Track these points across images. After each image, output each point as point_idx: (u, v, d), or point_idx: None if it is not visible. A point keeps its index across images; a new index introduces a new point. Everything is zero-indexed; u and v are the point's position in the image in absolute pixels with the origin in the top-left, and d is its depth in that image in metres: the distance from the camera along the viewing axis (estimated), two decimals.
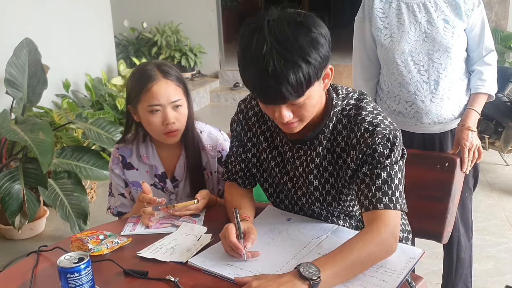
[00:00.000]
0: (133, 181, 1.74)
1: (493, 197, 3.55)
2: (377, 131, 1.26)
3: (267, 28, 1.14)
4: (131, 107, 1.66)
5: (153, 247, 1.37)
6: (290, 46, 1.12)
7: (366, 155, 1.27)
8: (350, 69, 6.31)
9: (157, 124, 1.60)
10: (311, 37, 1.15)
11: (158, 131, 1.62)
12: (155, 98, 1.57)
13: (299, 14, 1.18)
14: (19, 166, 2.77)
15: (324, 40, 1.18)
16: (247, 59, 1.18)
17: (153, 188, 1.70)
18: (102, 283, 1.20)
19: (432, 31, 1.90)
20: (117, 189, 1.77)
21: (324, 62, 1.20)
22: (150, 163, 1.72)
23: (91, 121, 3.10)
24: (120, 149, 1.74)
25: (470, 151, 1.91)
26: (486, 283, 2.57)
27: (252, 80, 1.18)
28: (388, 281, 1.18)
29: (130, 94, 1.64)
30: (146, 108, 1.59)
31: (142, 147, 1.72)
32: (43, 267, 1.32)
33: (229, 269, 1.24)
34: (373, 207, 1.25)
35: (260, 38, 1.13)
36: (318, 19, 1.21)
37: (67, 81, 4.15)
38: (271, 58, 1.11)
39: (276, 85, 1.14)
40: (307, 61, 1.13)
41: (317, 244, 1.36)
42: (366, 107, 1.32)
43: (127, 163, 1.73)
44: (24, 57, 3.18)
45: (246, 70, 1.19)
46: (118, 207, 1.78)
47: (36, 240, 3.20)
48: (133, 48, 6.35)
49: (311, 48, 1.14)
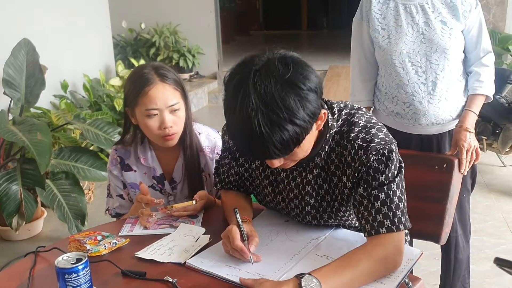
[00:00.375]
0: (131, 183, 1.73)
1: (490, 199, 3.56)
2: (371, 147, 1.22)
3: (252, 84, 1.07)
4: (129, 110, 1.65)
5: (151, 248, 1.37)
6: (277, 108, 1.06)
7: (361, 173, 1.24)
8: (348, 70, 6.31)
9: (155, 128, 1.59)
10: (300, 96, 1.08)
11: (155, 135, 1.61)
12: (152, 102, 1.56)
13: (287, 66, 1.10)
14: (17, 167, 2.76)
15: (314, 95, 1.12)
16: (231, 118, 1.12)
17: (151, 190, 1.71)
18: (100, 284, 1.20)
19: (429, 32, 1.91)
20: (115, 191, 1.76)
21: (314, 119, 1.14)
22: (148, 165, 1.71)
23: (89, 122, 3.10)
24: (118, 150, 1.74)
25: (468, 152, 1.91)
26: (484, 284, 2.57)
27: (236, 139, 1.15)
28: (386, 283, 1.18)
29: (128, 97, 1.62)
30: (144, 112, 1.58)
31: (140, 149, 1.72)
32: (40, 267, 1.32)
33: (227, 270, 1.24)
34: (375, 231, 1.21)
35: (245, 97, 1.07)
36: (307, 68, 1.14)
37: (65, 81, 4.15)
38: (256, 120, 1.06)
39: (262, 147, 1.10)
40: (295, 123, 1.08)
41: (315, 246, 1.36)
42: (359, 122, 1.27)
43: (125, 165, 1.73)
44: (22, 57, 3.18)
45: (230, 128, 1.15)
46: (116, 208, 1.77)
47: (33, 241, 3.19)
48: (131, 49, 6.35)
49: (299, 109, 1.08)
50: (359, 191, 1.25)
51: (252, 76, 1.09)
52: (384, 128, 1.29)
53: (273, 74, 1.08)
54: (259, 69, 1.10)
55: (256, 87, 1.07)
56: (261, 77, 1.08)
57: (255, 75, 1.09)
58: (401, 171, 1.27)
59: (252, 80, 1.08)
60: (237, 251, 1.26)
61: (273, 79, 1.08)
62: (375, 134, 1.25)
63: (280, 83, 1.07)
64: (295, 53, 1.18)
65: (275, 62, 1.11)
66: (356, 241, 1.35)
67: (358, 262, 1.17)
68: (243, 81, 1.10)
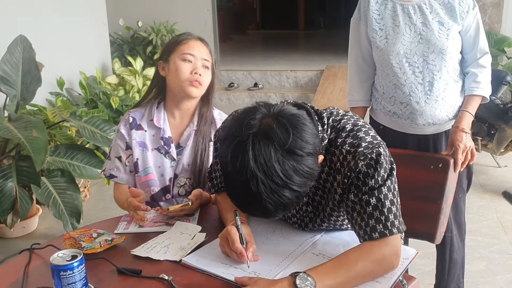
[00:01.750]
0: (140, 141, 1.78)
1: (485, 199, 3.57)
2: (359, 152, 1.21)
3: (252, 153, 1.05)
4: (162, 62, 1.76)
5: (147, 245, 1.37)
6: (276, 177, 1.05)
7: (351, 178, 1.23)
8: (344, 70, 6.34)
9: (186, 72, 1.70)
10: (298, 163, 1.07)
11: (184, 79, 1.70)
12: (190, 48, 1.72)
13: (287, 131, 1.07)
14: (12, 164, 2.75)
15: (312, 158, 1.11)
16: (230, 176, 1.11)
17: (156, 152, 1.76)
18: (96, 281, 1.20)
19: (427, 33, 1.91)
20: (116, 151, 1.80)
21: (311, 178, 1.12)
22: (160, 125, 1.77)
23: (85, 119, 3.09)
24: (132, 112, 1.82)
25: (464, 153, 1.92)
26: (478, 284, 2.59)
27: (235, 197, 1.15)
28: (381, 282, 1.18)
29: (165, 49, 1.77)
30: (180, 56, 1.71)
31: (155, 112, 1.79)
32: (35, 264, 1.32)
33: (223, 268, 1.24)
34: (368, 237, 1.21)
35: (244, 163, 1.06)
36: (305, 128, 1.11)
37: (61, 79, 4.13)
38: (255, 187, 1.06)
39: (263, 209, 1.10)
40: (292, 189, 1.08)
41: (311, 244, 1.36)
42: (345, 127, 1.27)
43: (137, 125, 1.79)
44: (18, 54, 3.16)
45: (229, 183, 1.14)
46: (111, 170, 1.80)
47: (28, 238, 3.19)
48: (128, 47, 6.33)
49: (297, 176, 1.08)
50: (350, 197, 1.24)
51: (251, 143, 1.06)
52: (371, 130, 1.28)
53: (272, 142, 1.06)
54: (257, 133, 1.07)
55: (256, 155, 1.05)
56: (260, 144, 1.06)
57: (254, 142, 1.06)
58: (392, 173, 1.24)
59: (251, 147, 1.06)
60: (235, 253, 1.25)
61: (273, 148, 1.06)
62: (362, 138, 1.24)
63: (280, 152, 1.06)
64: (291, 108, 1.15)
65: (273, 127, 1.08)
66: (352, 240, 1.35)
67: (354, 262, 1.17)
68: (241, 146, 1.07)
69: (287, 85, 6.79)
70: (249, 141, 1.06)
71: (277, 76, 6.82)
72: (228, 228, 1.29)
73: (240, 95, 6.57)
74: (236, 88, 6.77)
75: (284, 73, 6.80)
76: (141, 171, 1.75)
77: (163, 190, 1.75)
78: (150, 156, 1.75)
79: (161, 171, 1.75)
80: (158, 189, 1.75)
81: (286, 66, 7.05)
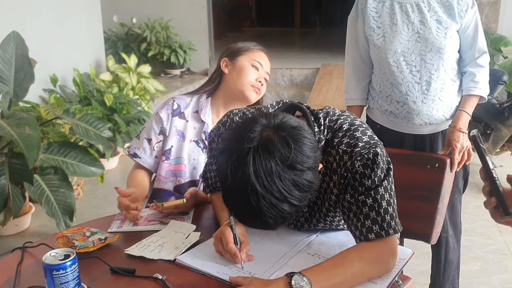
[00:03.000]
0: (179, 130, 1.78)
1: (480, 199, 3.54)
2: (355, 153, 1.20)
3: (252, 167, 1.04)
4: (227, 59, 1.81)
5: (140, 244, 1.35)
6: (276, 192, 1.04)
7: (348, 179, 1.22)
8: (340, 68, 6.33)
9: (251, 76, 1.78)
10: (298, 177, 1.06)
11: (248, 82, 1.77)
12: (261, 58, 1.81)
13: (288, 146, 1.06)
14: (5, 161, 2.72)
15: (312, 172, 1.09)
16: (229, 188, 1.09)
17: (194, 145, 1.78)
18: (89, 281, 1.18)
19: (424, 31, 1.90)
20: (147, 133, 1.80)
21: (312, 191, 1.11)
22: (204, 120, 1.78)
23: (78, 116, 3.06)
24: (177, 99, 1.82)
25: (460, 153, 1.91)
26: (473, 284, 2.59)
27: (234, 209, 1.14)
28: (377, 282, 1.18)
29: (234, 49, 1.83)
30: (250, 61, 1.79)
31: (201, 104, 1.80)
32: (28, 263, 1.30)
33: (217, 267, 1.23)
34: (364, 237, 1.20)
35: (244, 177, 1.04)
36: (305, 141, 1.09)
37: (54, 76, 4.10)
38: (255, 201, 1.04)
39: (261, 222, 1.09)
40: (291, 203, 1.07)
41: (306, 244, 1.35)
42: (342, 127, 1.26)
43: (181, 113, 1.80)
44: (11, 50, 3.12)
45: (227, 195, 1.13)
46: (137, 149, 1.80)
47: (21, 236, 3.16)
48: (122, 44, 6.29)
49: (297, 190, 1.06)
50: (346, 198, 1.24)
51: (252, 157, 1.04)
52: (368, 130, 1.27)
53: (274, 157, 1.05)
54: (257, 146, 1.05)
55: (256, 170, 1.04)
56: (260, 159, 1.04)
57: (255, 156, 1.04)
58: (389, 173, 1.23)
59: (252, 162, 1.04)
60: (229, 254, 1.24)
61: (274, 163, 1.04)
62: (359, 138, 1.23)
63: (281, 167, 1.05)
64: (291, 120, 1.13)
65: (274, 141, 1.06)
66: (348, 240, 1.34)
67: (350, 263, 1.16)
68: (242, 159, 1.05)
69: (282, 83, 6.77)
70: (250, 155, 1.05)
71: (272, 74, 6.69)
72: (222, 229, 1.28)
73: None
74: None
75: (279, 71, 6.77)
76: (173, 159, 1.76)
77: (191, 183, 1.78)
78: (186, 147, 1.76)
79: (195, 164, 1.77)
80: (185, 181, 1.77)
81: (281, 64, 7.02)
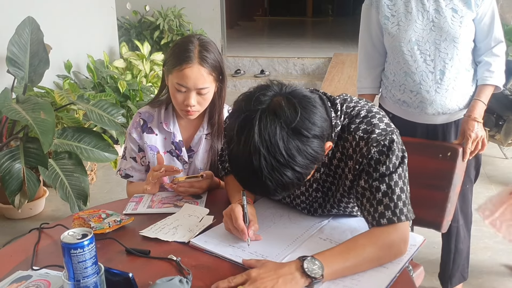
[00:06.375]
0: (151, 145, 1.78)
1: (491, 190, 3.56)
2: (372, 139, 1.22)
3: (257, 128, 1.06)
4: (165, 71, 1.70)
5: (155, 226, 1.38)
6: (279, 155, 1.05)
7: (363, 165, 1.23)
8: (352, 58, 6.30)
9: (179, 101, 1.66)
10: (303, 143, 1.07)
11: (178, 106, 1.68)
12: (184, 79, 1.61)
13: (295, 110, 1.07)
14: (20, 146, 2.76)
15: (318, 141, 1.10)
16: (234, 151, 1.11)
17: (168, 155, 1.77)
18: (104, 261, 1.20)
19: (439, 20, 1.89)
20: (130, 153, 1.81)
21: (315, 162, 1.12)
22: (170, 130, 1.77)
23: (93, 102, 3.09)
24: (142, 114, 1.80)
25: (474, 142, 1.90)
26: (482, 273, 2.59)
27: (237, 173, 1.15)
28: (389, 267, 1.19)
29: (167, 61, 1.69)
30: (174, 84, 1.64)
31: (165, 114, 1.78)
32: (44, 244, 1.33)
33: (230, 250, 1.25)
34: (377, 223, 1.21)
35: (249, 138, 1.06)
36: (314, 110, 1.11)
37: (68, 62, 4.13)
38: (258, 162, 1.06)
39: (262, 186, 1.09)
40: (294, 170, 1.07)
41: (318, 229, 1.37)
42: (360, 113, 1.27)
43: (148, 128, 1.78)
44: (26, 35, 3.15)
45: (232, 159, 1.14)
46: (127, 169, 1.82)
47: (35, 220, 3.21)
48: (135, 31, 6.30)
49: (301, 157, 1.07)
50: (360, 183, 1.25)
51: (258, 118, 1.07)
52: (385, 117, 1.28)
53: (279, 119, 1.06)
54: (265, 109, 1.08)
55: (261, 130, 1.06)
56: (266, 120, 1.06)
57: (261, 117, 1.07)
58: (404, 161, 1.25)
59: (258, 122, 1.06)
60: (237, 230, 1.27)
61: (279, 125, 1.06)
62: (376, 125, 1.24)
63: (285, 130, 1.06)
64: (304, 90, 1.15)
65: (283, 105, 1.08)
66: (359, 226, 1.36)
67: (362, 248, 1.17)
68: (249, 120, 1.08)
69: (294, 73, 6.76)
70: (257, 117, 1.07)
71: (284, 63, 6.79)
72: (232, 206, 1.31)
73: (246, 81, 6.54)
74: (243, 75, 6.75)
75: (291, 60, 6.76)
76: None
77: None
78: None
79: None
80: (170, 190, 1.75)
81: (293, 53, 7.00)
